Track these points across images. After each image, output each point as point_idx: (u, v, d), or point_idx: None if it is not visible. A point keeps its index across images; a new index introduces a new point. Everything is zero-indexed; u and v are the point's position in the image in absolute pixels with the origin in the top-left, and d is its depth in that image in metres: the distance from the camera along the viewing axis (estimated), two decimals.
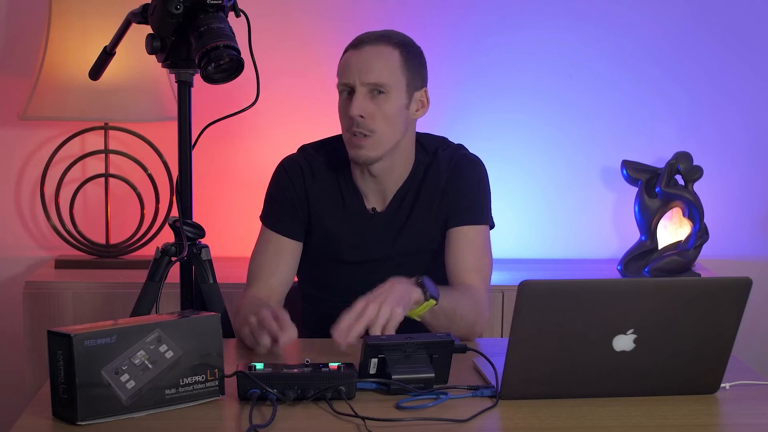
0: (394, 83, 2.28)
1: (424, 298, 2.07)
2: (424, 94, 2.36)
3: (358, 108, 2.26)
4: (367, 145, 2.28)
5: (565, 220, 3.40)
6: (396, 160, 2.34)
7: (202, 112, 2.44)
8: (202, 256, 2.32)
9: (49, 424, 1.71)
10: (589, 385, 1.83)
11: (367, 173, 2.35)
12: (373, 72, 2.27)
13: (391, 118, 2.29)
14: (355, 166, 2.36)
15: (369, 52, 2.29)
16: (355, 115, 2.26)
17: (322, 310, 2.45)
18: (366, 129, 2.27)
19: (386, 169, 2.34)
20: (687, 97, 3.38)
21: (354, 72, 2.28)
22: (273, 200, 2.40)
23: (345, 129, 2.31)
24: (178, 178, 2.34)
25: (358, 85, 2.27)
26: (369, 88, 2.27)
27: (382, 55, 2.29)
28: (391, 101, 2.28)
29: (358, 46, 2.31)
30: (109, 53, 2.42)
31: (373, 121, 2.27)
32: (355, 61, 2.29)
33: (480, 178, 2.40)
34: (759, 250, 3.42)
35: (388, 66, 2.28)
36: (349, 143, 2.31)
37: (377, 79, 2.27)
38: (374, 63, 2.28)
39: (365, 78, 2.27)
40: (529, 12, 3.32)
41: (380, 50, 2.29)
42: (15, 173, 3.28)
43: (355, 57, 2.29)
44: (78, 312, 2.95)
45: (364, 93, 2.27)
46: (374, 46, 2.29)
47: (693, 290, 1.82)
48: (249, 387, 1.77)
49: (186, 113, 2.32)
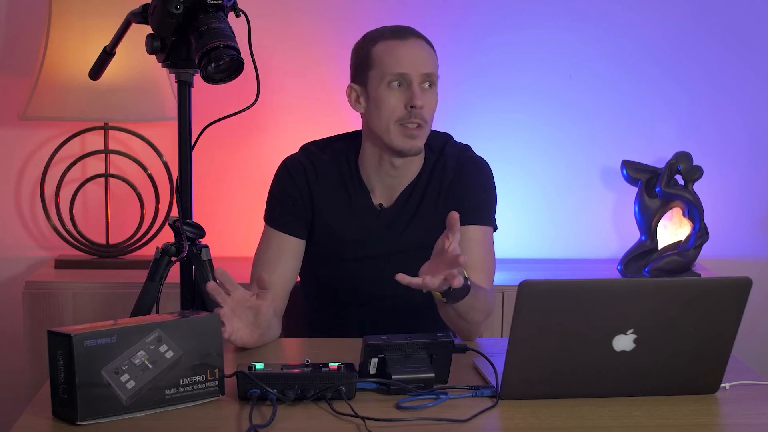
0: (438, 76, 2.33)
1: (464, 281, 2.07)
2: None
3: (420, 98, 2.28)
4: (420, 135, 2.30)
5: (565, 220, 3.40)
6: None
7: (202, 112, 2.44)
8: (202, 256, 2.32)
9: (49, 424, 1.71)
10: (589, 385, 1.83)
11: (388, 167, 2.34)
12: (428, 63, 2.30)
13: (435, 110, 2.33)
14: (371, 162, 2.35)
15: (418, 45, 2.31)
16: (419, 105, 2.27)
17: (323, 309, 2.45)
18: (422, 119, 2.29)
19: (409, 162, 2.35)
20: (687, 97, 3.38)
21: (409, 62, 2.29)
22: (275, 199, 2.40)
23: (394, 120, 2.29)
24: (178, 178, 2.34)
25: (415, 76, 2.28)
26: (423, 78, 2.29)
27: (426, 47, 2.33)
28: (436, 93, 2.32)
29: (402, 37, 2.32)
30: (109, 53, 2.42)
31: (427, 112, 2.30)
32: (408, 52, 2.30)
33: (486, 180, 2.41)
34: (759, 250, 3.42)
35: (432, 58, 2.33)
36: (402, 134, 2.29)
37: (431, 69, 2.30)
38: (426, 55, 2.31)
39: (423, 68, 2.29)
40: (529, 12, 3.32)
41: (422, 44, 2.33)
42: (15, 173, 3.28)
43: (406, 48, 2.30)
44: (78, 312, 2.95)
45: (420, 83, 2.29)
46: (418, 40, 2.32)
47: (693, 290, 1.82)
48: (249, 387, 1.77)
49: (186, 113, 2.32)
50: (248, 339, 2.08)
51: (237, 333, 2.05)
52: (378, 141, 2.32)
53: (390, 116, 2.29)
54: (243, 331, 2.06)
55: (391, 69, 2.29)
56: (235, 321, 2.04)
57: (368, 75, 2.31)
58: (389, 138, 2.30)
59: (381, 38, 2.32)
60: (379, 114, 2.30)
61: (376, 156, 2.34)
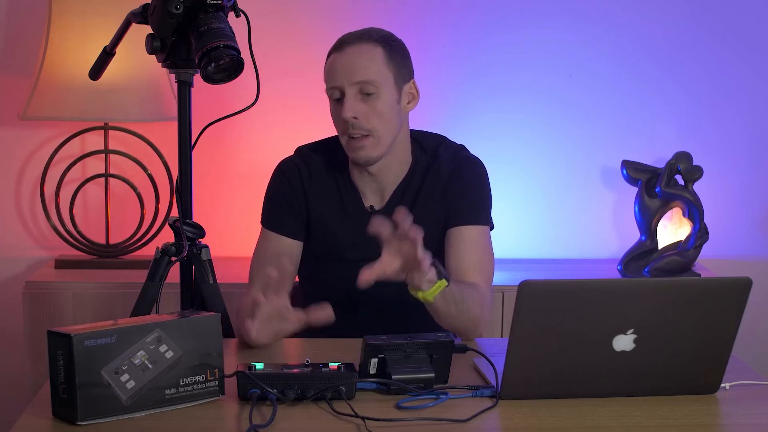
0: (382, 80, 2.28)
1: (437, 278, 2.06)
2: (413, 86, 2.36)
3: (350, 109, 2.26)
4: (366, 145, 2.28)
5: (565, 220, 3.40)
6: (393, 156, 2.35)
7: (202, 112, 2.44)
8: (202, 256, 2.32)
9: (49, 424, 1.71)
10: (589, 385, 1.83)
11: (365, 171, 2.35)
12: (359, 71, 2.26)
13: (385, 114, 2.28)
14: (354, 165, 2.36)
15: (352, 52, 2.28)
16: (349, 117, 2.26)
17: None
18: (362, 129, 2.27)
19: (384, 166, 2.34)
20: (687, 97, 3.38)
21: (340, 74, 2.27)
22: (271, 201, 2.40)
23: (341, 133, 2.31)
24: (178, 178, 2.34)
25: (346, 87, 2.26)
26: (357, 88, 2.27)
27: (365, 53, 2.28)
28: (382, 98, 2.28)
29: (339, 48, 2.30)
30: (109, 53, 2.42)
31: (368, 121, 2.27)
32: (340, 63, 2.28)
33: (481, 179, 2.40)
34: (759, 250, 3.42)
35: (373, 63, 2.28)
36: (348, 146, 2.30)
37: (364, 77, 2.26)
38: (359, 62, 2.27)
39: (352, 78, 2.26)
40: (529, 12, 3.32)
41: (363, 49, 2.28)
42: (15, 173, 3.28)
43: (339, 59, 2.28)
44: (78, 312, 2.95)
45: (354, 94, 2.27)
46: (356, 46, 2.28)
47: (693, 290, 1.82)
48: (249, 387, 1.77)
49: (186, 113, 2.32)
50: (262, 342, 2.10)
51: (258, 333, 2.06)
52: None
53: (338, 129, 2.32)
54: (262, 334, 2.07)
55: (327, 83, 2.31)
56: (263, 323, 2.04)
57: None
58: (345, 149, 2.32)
59: (330, 52, 2.33)
60: (335, 127, 2.33)
61: None
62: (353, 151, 2.30)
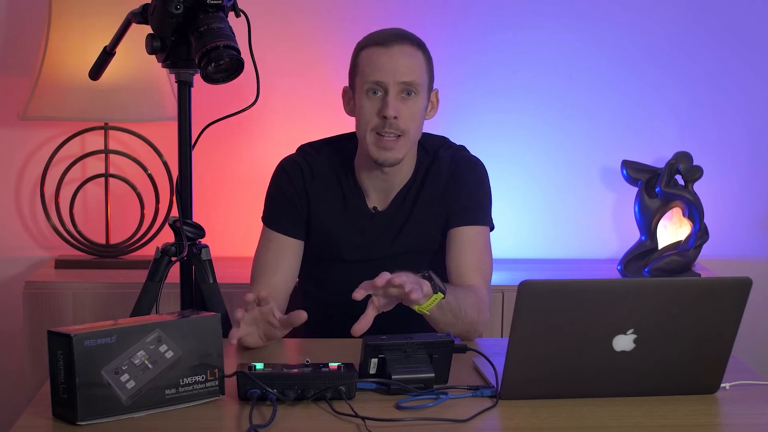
0: (422, 83, 2.29)
1: (432, 291, 2.07)
2: (436, 95, 2.38)
3: (394, 108, 2.25)
4: (397, 146, 2.28)
5: (565, 220, 3.40)
6: (406, 159, 2.35)
7: (202, 112, 2.44)
8: (202, 256, 2.32)
9: (49, 424, 1.71)
10: (589, 385, 1.83)
11: (378, 172, 2.34)
12: (407, 72, 2.26)
13: (418, 118, 2.29)
14: (363, 165, 2.35)
15: (400, 52, 2.28)
16: (391, 116, 2.25)
17: (322, 309, 2.45)
18: (398, 130, 2.27)
19: (397, 168, 2.34)
20: (687, 97, 3.38)
21: (388, 71, 2.26)
22: (273, 200, 2.40)
23: (371, 129, 2.29)
24: (178, 178, 2.34)
25: (391, 85, 2.26)
26: (401, 88, 2.26)
27: (411, 54, 2.28)
28: (419, 102, 2.28)
29: (385, 44, 2.28)
30: (109, 53, 2.42)
31: (405, 122, 2.27)
32: (387, 59, 2.27)
33: (481, 180, 2.40)
34: (759, 250, 3.42)
35: (418, 66, 2.28)
36: (377, 144, 2.28)
37: (411, 78, 2.26)
38: (407, 62, 2.27)
39: (400, 77, 2.26)
40: (529, 12, 3.32)
41: (408, 50, 2.28)
42: (15, 173, 3.28)
43: (386, 55, 2.27)
44: (78, 312, 2.95)
45: (397, 92, 2.26)
46: (402, 46, 2.28)
47: (693, 290, 1.82)
48: (249, 387, 1.77)
49: (186, 113, 2.32)
50: (255, 344, 2.12)
51: (246, 338, 2.09)
52: (362, 147, 2.33)
53: (366, 124, 2.29)
54: (252, 337, 2.10)
55: (368, 77, 2.28)
56: (250, 327, 2.07)
57: (355, 81, 2.32)
58: (367, 146, 2.30)
59: (367, 44, 2.31)
60: (359, 121, 2.31)
61: (366, 160, 2.34)
62: (383, 150, 2.28)
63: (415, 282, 2.02)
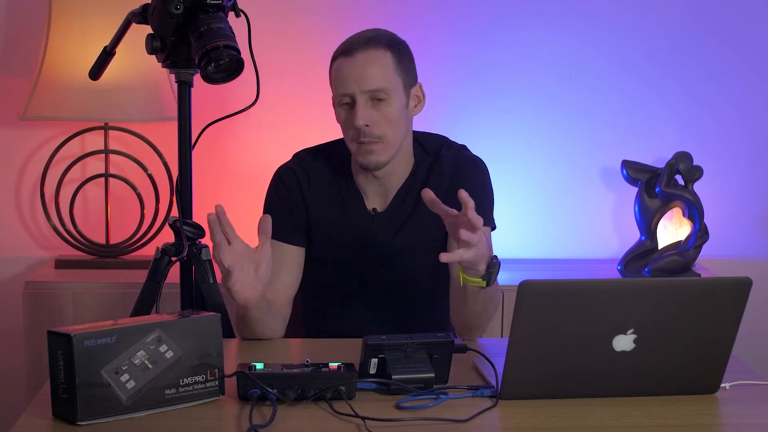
0: (393, 86, 2.27)
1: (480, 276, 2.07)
2: (419, 89, 2.36)
3: (363, 117, 2.24)
4: (377, 149, 2.28)
5: (565, 220, 3.40)
6: (398, 159, 2.34)
7: (202, 112, 2.44)
8: (202, 256, 2.32)
9: (49, 424, 1.71)
10: (589, 385, 1.83)
11: (371, 175, 2.34)
12: (370, 79, 2.25)
13: (396, 120, 2.28)
14: (359, 169, 2.35)
15: (363, 59, 2.25)
16: (361, 125, 2.25)
17: (322, 310, 2.45)
18: (374, 136, 2.26)
19: (389, 169, 2.34)
20: (687, 97, 3.38)
21: (351, 81, 2.25)
22: (271, 209, 2.39)
23: (350, 139, 2.29)
24: (178, 178, 2.34)
25: (357, 95, 2.25)
26: (369, 95, 2.25)
27: (375, 59, 2.26)
28: (393, 104, 2.27)
29: (348, 53, 2.27)
30: (109, 53, 2.42)
31: (379, 127, 2.26)
32: (350, 69, 2.26)
33: (483, 180, 2.40)
34: (759, 250, 3.42)
35: (383, 70, 2.26)
36: (359, 151, 2.29)
37: (376, 84, 2.25)
38: (372, 70, 2.25)
39: (364, 86, 2.25)
40: (529, 12, 3.32)
41: (373, 55, 2.26)
42: (15, 173, 3.28)
43: (349, 65, 2.26)
44: (78, 312, 2.95)
45: (365, 100, 2.25)
46: (366, 52, 2.26)
47: (693, 290, 1.82)
48: (249, 387, 1.77)
49: (186, 113, 2.32)
50: (249, 294, 2.08)
51: (236, 285, 2.06)
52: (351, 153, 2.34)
53: (346, 135, 2.31)
54: (243, 285, 2.07)
55: (338, 89, 2.28)
56: (236, 273, 2.05)
57: (332, 92, 2.32)
58: (353, 154, 2.31)
59: (336, 55, 2.31)
60: (342, 131, 2.32)
61: (358, 165, 2.35)
62: (363, 155, 2.29)
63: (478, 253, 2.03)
